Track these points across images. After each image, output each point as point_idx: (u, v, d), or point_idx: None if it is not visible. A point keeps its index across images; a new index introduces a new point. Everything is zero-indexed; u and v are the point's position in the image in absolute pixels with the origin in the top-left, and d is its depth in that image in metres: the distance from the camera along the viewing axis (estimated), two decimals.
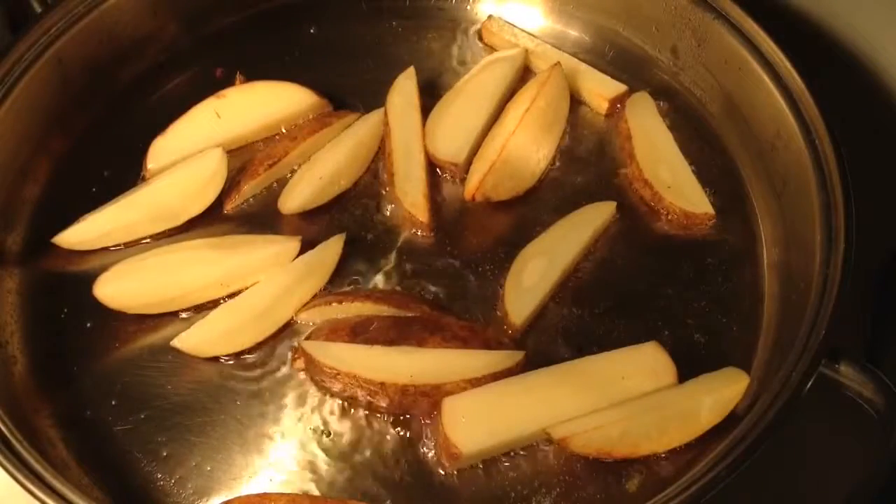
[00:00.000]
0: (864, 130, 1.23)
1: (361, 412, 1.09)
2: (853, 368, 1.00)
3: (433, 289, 1.19)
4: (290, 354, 1.13)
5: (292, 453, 1.07)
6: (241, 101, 1.30)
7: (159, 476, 1.06)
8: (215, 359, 1.13)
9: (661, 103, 1.34)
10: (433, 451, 1.06)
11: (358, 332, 1.10)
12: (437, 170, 1.28)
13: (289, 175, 1.28)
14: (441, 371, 1.06)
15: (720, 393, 1.04)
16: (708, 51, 1.31)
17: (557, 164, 1.30)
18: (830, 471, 1.10)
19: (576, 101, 1.35)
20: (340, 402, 1.10)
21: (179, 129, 1.27)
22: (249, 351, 1.14)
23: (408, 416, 1.08)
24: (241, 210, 1.26)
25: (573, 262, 1.20)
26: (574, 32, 1.43)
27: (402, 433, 1.08)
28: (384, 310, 1.13)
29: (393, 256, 1.22)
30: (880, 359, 1.14)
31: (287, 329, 1.15)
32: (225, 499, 1.03)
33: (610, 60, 1.40)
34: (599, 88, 1.34)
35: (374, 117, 1.31)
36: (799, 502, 1.12)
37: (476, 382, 1.06)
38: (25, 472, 0.95)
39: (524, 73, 1.38)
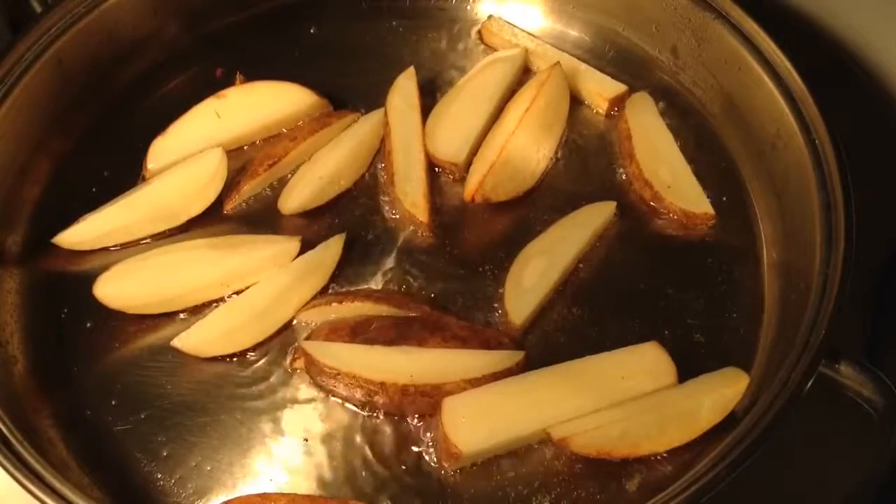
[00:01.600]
0: (864, 130, 1.23)
1: (361, 412, 1.09)
2: (853, 368, 1.00)
3: (433, 289, 1.19)
4: (290, 354, 1.13)
5: (292, 453, 1.07)
6: (241, 101, 1.30)
7: (159, 476, 1.06)
8: (215, 359, 1.13)
9: (661, 103, 1.34)
10: (433, 451, 1.06)
11: (358, 332, 1.10)
12: (437, 170, 1.28)
13: (289, 175, 1.28)
14: (441, 371, 1.06)
15: (720, 393, 1.03)
16: (708, 51, 1.31)
17: (557, 164, 1.30)
18: (830, 471, 1.10)
19: (576, 101, 1.35)
20: (340, 402, 1.10)
21: (179, 129, 1.27)
22: (249, 351, 1.14)
23: (408, 416, 1.08)
24: (241, 210, 1.26)
25: (573, 262, 1.20)
26: (574, 32, 1.43)
27: (401, 433, 1.08)
28: (384, 310, 1.13)
29: (393, 256, 1.22)
30: (880, 359, 1.14)
31: (287, 329, 1.15)
32: (225, 499, 1.04)
33: (610, 60, 1.40)
34: (599, 88, 1.34)
35: (374, 117, 1.31)
36: (799, 502, 1.12)
37: (476, 382, 1.06)
38: (25, 472, 0.95)
39: (524, 73, 1.37)
